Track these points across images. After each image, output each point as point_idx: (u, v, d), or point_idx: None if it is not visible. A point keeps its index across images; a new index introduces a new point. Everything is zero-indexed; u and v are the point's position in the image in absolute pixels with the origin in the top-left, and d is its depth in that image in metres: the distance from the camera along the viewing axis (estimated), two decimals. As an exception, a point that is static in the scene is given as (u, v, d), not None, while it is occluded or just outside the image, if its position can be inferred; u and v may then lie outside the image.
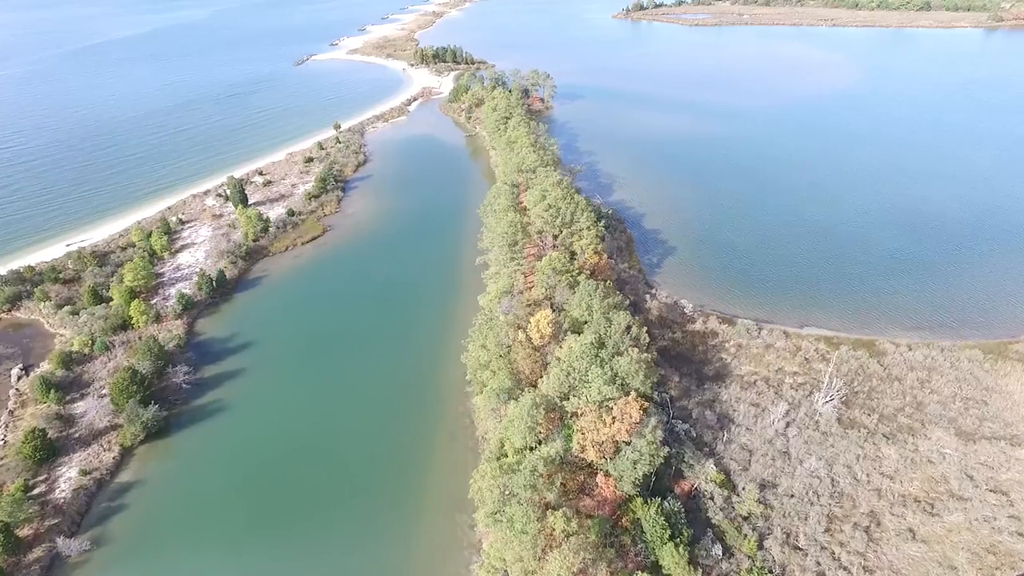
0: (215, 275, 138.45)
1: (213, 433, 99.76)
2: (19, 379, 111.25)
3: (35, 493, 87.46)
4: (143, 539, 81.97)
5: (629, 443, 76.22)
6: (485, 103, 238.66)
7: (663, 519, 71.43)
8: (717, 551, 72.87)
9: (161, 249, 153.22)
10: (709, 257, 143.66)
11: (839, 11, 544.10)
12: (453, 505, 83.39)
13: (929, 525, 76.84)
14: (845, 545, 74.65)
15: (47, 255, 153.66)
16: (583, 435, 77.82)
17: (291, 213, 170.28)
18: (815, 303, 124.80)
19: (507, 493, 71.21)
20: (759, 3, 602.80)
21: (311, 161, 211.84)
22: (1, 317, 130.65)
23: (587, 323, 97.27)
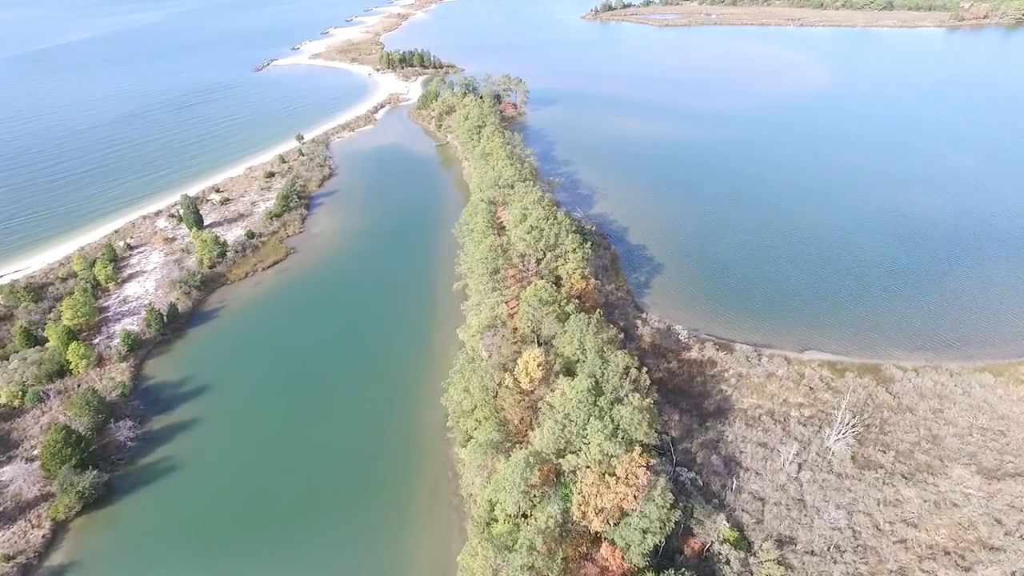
0: (166, 309, 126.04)
1: (162, 498, 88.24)
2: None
3: (-53, 587, 75.33)
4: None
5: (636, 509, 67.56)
6: (456, 111, 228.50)
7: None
8: (739, 629, 64.92)
9: (106, 280, 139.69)
10: (698, 273, 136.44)
11: (805, 11, 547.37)
12: (439, 580, 74.02)
13: (965, 583, 70.20)
14: (878, 613, 67.49)
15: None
16: (584, 500, 68.93)
17: (251, 235, 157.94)
18: (813, 323, 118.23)
19: (502, 576, 62.02)
20: (726, 3, 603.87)
21: (272, 176, 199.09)
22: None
23: (579, 362, 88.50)
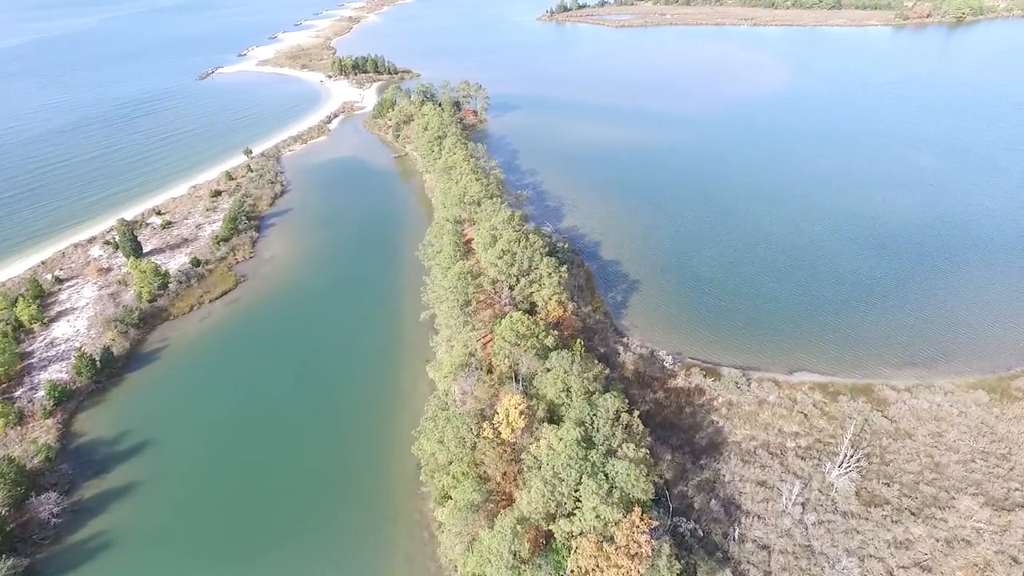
0: (99, 353, 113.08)
1: (93, 583, 76.96)
2: None
3: None
4: None
5: (640, 582, 60.20)
6: (415, 120, 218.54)
7: None
8: None
9: (30, 320, 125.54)
10: (675, 290, 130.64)
11: (757, 10, 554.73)
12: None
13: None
14: None
15: None
16: (583, 574, 61.21)
17: (196, 263, 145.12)
18: (798, 341, 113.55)
19: None
20: (680, 3, 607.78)
21: (219, 195, 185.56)
22: None
23: (564, 405, 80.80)
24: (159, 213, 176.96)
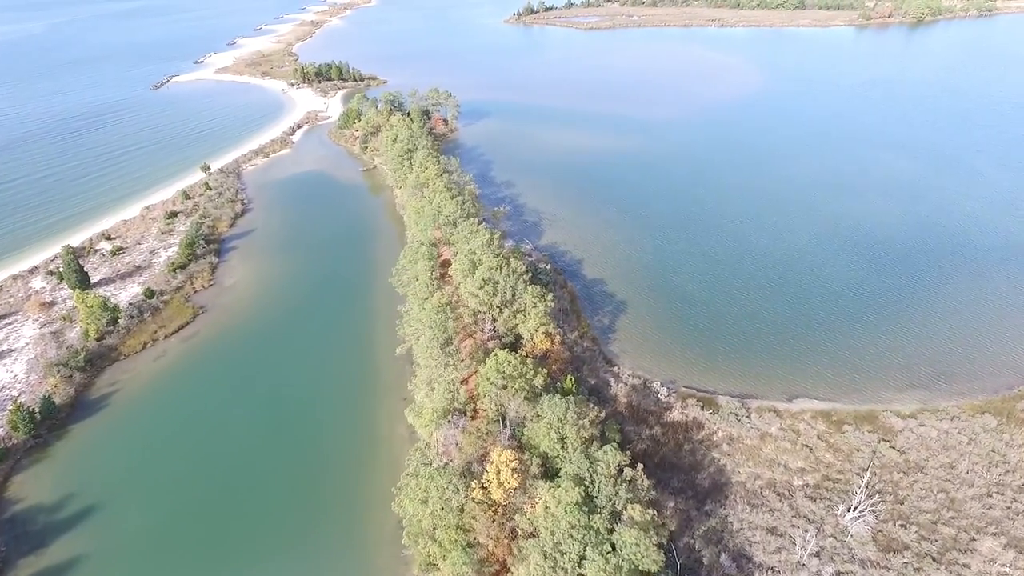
0: (39, 403, 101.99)
1: None
2: None
3: None
4: None
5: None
6: (383, 131, 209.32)
7: None
8: None
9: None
10: (663, 311, 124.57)
11: (723, 11, 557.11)
12: None
13: None
14: None
15: None
16: (591, 668, 54.16)
17: (150, 294, 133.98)
18: (794, 364, 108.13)
19: None
20: (647, 4, 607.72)
21: (175, 216, 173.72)
22: None
23: (559, 457, 73.67)
24: (109, 238, 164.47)
